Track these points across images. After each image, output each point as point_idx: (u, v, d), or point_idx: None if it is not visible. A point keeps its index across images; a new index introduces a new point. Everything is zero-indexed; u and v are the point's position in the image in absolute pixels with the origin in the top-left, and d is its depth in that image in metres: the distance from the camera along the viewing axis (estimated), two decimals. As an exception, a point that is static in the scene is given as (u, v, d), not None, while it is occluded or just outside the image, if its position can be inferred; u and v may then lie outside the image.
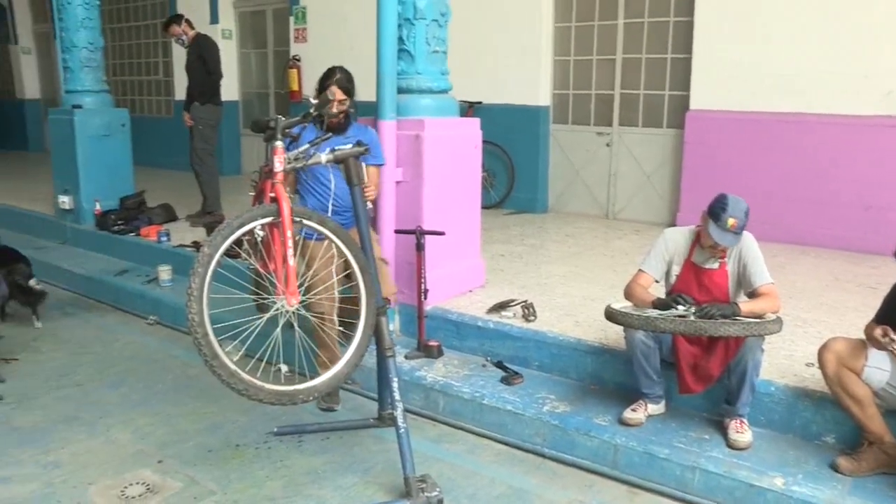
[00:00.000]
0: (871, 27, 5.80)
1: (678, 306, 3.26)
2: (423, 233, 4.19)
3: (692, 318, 3.17)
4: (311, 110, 3.33)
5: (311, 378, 3.00)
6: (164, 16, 8.90)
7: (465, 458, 3.52)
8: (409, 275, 4.33)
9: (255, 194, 3.46)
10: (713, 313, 3.15)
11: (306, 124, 3.34)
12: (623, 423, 3.45)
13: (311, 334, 3.51)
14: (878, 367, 2.96)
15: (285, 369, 3.80)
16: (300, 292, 2.99)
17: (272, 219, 2.92)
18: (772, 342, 3.55)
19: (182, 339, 5.05)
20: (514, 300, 4.45)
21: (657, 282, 3.52)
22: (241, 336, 2.96)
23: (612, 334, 3.88)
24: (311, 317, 3.30)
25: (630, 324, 3.27)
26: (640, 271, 3.51)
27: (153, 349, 5.00)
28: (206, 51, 6.86)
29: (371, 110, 4.30)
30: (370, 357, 3.44)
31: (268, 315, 2.98)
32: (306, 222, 3.04)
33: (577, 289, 4.93)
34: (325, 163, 3.22)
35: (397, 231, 4.35)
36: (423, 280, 4.20)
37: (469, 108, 7.54)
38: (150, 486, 3.25)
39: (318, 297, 3.45)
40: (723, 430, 3.34)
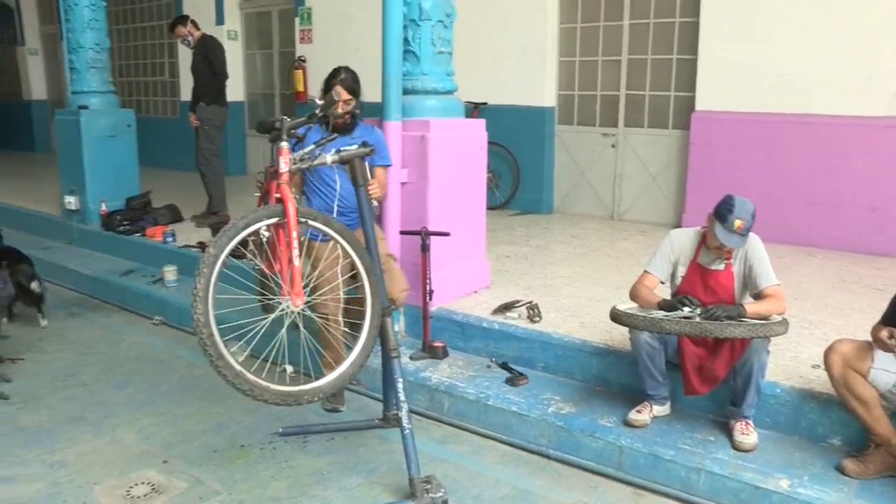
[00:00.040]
0: (872, 27, 5.78)
1: (684, 308, 3.25)
2: (429, 234, 4.19)
3: (698, 319, 3.16)
4: (317, 111, 3.34)
5: (316, 379, 3.01)
6: (170, 17, 8.91)
7: (470, 459, 3.52)
8: (414, 276, 4.32)
9: (261, 195, 3.46)
10: (719, 315, 3.14)
11: (312, 125, 3.35)
12: (628, 424, 3.45)
13: (317, 335, 3.51)
14: (885, 369, 2.95)
15: (290, 370, 3.80)
16: (305, 293, 2.99)
17: (278, 220, 2.92)
18: (777, 344, 3.54)
19: (187, 339, 5.06)
20: (519, 301, 4.44)
21: (662, 283, 3.52)
22: (246, 336, 2.97)
23: (618, 335, 3.88)
24: (317, 317, 3.31)
25: (635, 325, 3.26)
26: (646, 272, 3.50)
27: (159, 349, 5.02)
28: (211, 52, 6.88)
29: (377, 111, 4.30)
30: (375, 358, 3.44)
31: (273, 316, 2.99)
32: (312, 223, 3.05)
33: (583, 290, 4.92)
34: (330, 163, 3.22)
35: (402, 232, 4.35)
36: (428, 281, 4.20)
37: (474, 109, 7.54)
38: (156, 486, 3.26)
39: (324, 297, 3.45)
40: (728, 431, 3.33)
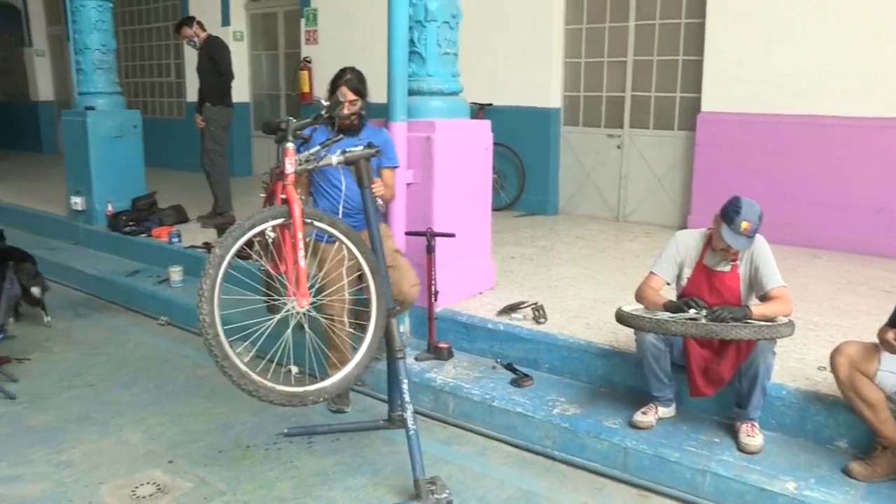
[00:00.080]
0: (882, 28, 5.76)
1: (689, 309, 3.25)
2: (434, 235, 4.18)
3: (703, 321, 3.16)
4: (323, 112, 3.34)
5: (322, 379, 3.01)
6: (176, 18, 8.94)
7: (475, 461, 3.52)
8: (419, 277, 4.31)
9: (267, 196, 3.47)
10: (724, 316, 3.13)
11: (317, 126, 3.35)
12: (633, 426, 3.44)
13: (322, 336, 3.52)
14: (892, 372, 2.93)
15: (296, 370, 3.80)
16: (311, 294, 3.00)
17: (283, 220, 2.93)
18: (783, 346, 3.53)
19: (193, 339, 5.07)
20: (524, 302, 4.44)
21: (668, 284, 3.51)
22: (251, 337, 2.97)
23: (623, 337, 3.87)
24: (322, 318, 3.31)
25: (641, 326, 3.25)
26: (652, 274, 3.50)
27: (164, 350, 5.03)
28: (217, 52, 6.90)
29: (382, 112, 4.30)
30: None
31: (278, 316, 2.99)
32: (317, 224, 3.05)
33: (588, 291, 4.91)
34: (335, 164, 3.23)
35: (408, 233, 4.36)
36: (433, 282, 4.20)
37: (479, 110, 7.53)
38: (161, 486, 3.27)
39: (329, 298, 3.45)
40: (734, 433, 3.32)
